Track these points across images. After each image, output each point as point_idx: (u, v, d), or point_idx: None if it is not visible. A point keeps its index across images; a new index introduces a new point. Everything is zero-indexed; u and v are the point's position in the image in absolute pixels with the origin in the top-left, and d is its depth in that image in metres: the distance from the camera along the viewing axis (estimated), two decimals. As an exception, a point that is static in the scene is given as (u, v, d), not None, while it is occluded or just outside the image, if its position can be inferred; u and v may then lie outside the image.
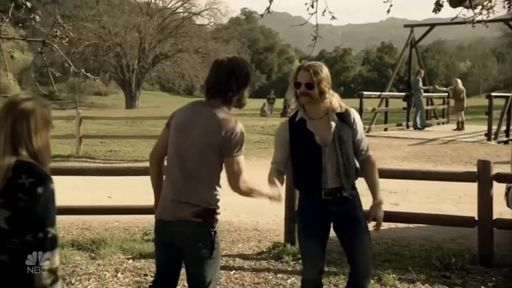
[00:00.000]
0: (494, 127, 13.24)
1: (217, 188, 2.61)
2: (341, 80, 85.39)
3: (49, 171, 2.10)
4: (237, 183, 2.57)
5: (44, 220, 1.98)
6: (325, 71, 2.89)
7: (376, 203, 2.99)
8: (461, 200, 7.11)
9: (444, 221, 4.90)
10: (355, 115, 2.99)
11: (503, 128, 13.67)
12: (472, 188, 6.23)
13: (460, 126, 15.47)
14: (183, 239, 2.60)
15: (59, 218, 6.80)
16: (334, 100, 2.92)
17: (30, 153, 2.06)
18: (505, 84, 51.44)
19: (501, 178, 4.68)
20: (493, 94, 14.52)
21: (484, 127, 13.76)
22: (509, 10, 4.36)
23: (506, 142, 13.30)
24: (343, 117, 2.94)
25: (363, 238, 2.99)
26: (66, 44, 2.59)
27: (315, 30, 4.71)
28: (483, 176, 4.54)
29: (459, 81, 15.79)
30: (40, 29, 2.76)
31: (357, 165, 3.01)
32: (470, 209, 6.10)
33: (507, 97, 13.95)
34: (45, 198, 1.98)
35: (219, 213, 2.65)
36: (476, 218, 4.65)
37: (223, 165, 2.58)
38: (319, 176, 2.91)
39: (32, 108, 2.08)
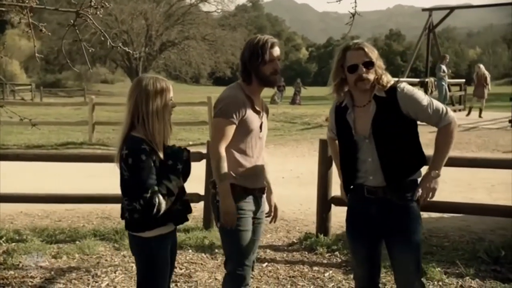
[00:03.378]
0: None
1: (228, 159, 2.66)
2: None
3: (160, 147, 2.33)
4: (210, 144, 2.72)
5: (138, 187, 2.20)
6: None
7: (428, 175, 2.52)
8: (494, 189, 6.82)
9: (490, 211, 4.60)
10: (403, 90, 2.49)
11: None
12: (504, 176, 5.96)
13: (470, 113, 14.85)
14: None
15: (77, 207, 6.46)
16: (384, 80, 2.54)
17: (145, 129, 2.26)
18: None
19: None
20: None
21: (505, 114, 13.38)
22: None
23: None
24: (386, 100, 2.49)
25: (407, 256, 2.55)
26: (101, 15, 2.32)
27: (353, 7, 4.43)
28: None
29: (481, 66, 15.15)
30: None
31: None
32: (505, 198, 5.83)
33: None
34: (135, 168, 2.20)
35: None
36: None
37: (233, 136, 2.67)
38: (355, 170, 2.60)
39: (154, 88, 2.27)
